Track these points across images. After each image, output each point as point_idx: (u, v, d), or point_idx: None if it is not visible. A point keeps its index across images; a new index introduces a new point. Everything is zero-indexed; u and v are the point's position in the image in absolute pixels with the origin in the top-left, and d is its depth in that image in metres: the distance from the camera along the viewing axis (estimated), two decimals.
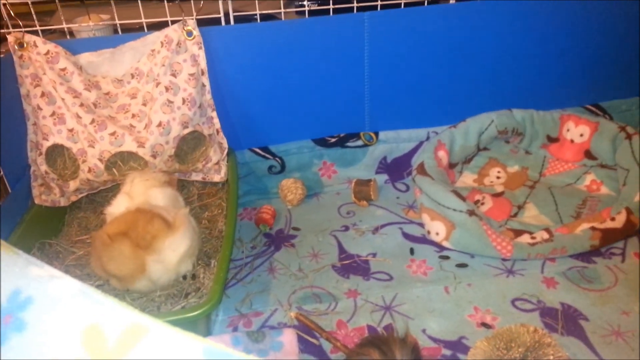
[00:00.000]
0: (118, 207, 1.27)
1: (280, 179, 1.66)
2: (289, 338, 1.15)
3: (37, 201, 1.41)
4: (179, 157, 1.47)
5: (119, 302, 0.47)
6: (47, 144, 1.37)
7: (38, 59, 1.36)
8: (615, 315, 1.18)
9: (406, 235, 1.47)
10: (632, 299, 1.22)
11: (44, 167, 1.40)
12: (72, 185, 1.41)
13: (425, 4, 1.53)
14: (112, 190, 1.51)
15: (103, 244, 1.15)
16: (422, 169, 1.51)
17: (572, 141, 1.64)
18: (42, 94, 1.37)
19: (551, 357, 0.93)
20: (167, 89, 1.39)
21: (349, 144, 1.68)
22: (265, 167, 1.67)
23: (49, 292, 0.47)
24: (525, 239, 1.35)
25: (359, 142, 1.68)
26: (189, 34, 1.41)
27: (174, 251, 1.18)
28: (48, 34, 1.61)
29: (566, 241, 1.33)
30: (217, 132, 1.52)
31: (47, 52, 1.36)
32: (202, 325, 1.11)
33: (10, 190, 1.38)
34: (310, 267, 1.38)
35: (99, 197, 1.55)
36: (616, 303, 1.21)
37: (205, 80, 1.46)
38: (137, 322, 0.45)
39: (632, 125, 1.70)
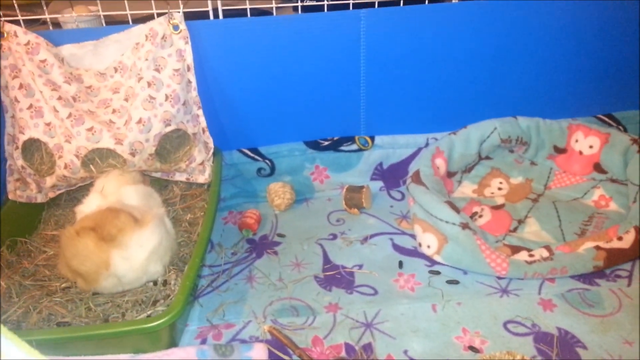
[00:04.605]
0: (89, 205, 1.22)
1: (269, 182, 1.59)
2: (259, 353, 1.07)
3: (11, 196, 1.36)
4: (161, 155, 1.40)
5: None
6: (23, 138, 1.32)
7: (18, 49, 1.31)
8: (617, 344, 1.08)
9: (396, 247, 1.39)
10: (637, 327, 1.11)
11: (20, 162, 1.35)
12: (49, 181, 1.36)
13: (426, 2, 1.44)
14: (91, 187, 1.46)
15: (68, 239, 1.10)
16: (417, 178, 1.42)
17: (580, 153, 1.53)
18: (21, 86, 1.32)
19: None
20: (149, 84, 1.33)
21: (343, 147, 1.60)
22: (254, 169, 1.60)
23: None
24: (522, 256, 1.26)
25: (354, 147, 1.60)
26: (175, 27, 1.35)
27: (141, 247, 1.12)
28: (37, 25, 1.57)
29: (567, 260, 1.23)
30: (203, 131, 1.46)
31: (28, 43, 1.31)
32: (166, 336, 1.04)
33: None
34: (291, 277, 1.30)
35: (79, 194, 1.49)
36: (618, 331, 1.10)
37: (192, 76, 1.40)
38: None
39: None
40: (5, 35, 1.31)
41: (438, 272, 1.29)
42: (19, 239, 1.33)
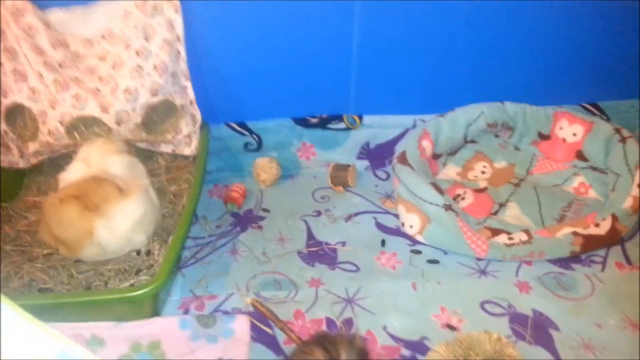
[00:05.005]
0: (73, 173, 1.21)
1: (256, 157, 1.59)
2: (241, 325, 1.09)
3: None
4: (147, 126, 1.39)
5: None
6: (6, 102, 1.30)
7: (3, 12, 1.28)
8: (588, 327, 1.12)
9: (379, 226, 1.40)
10: (608, 311, 1.15)
11: (2, 126, 1.33)
12: (32, 147, 1.34)
13: None
14: (75, 154, 1.44)
15: (52, 206, 1.10)
16: (403, 158, 1.43)
17: (564, 140, 1.56)
18: (5, 49, 1.29)
19: None
20: (137, 53, 1.31)
21: (330, 125, 1.60)
22: (241, 144, 1.60)
23: None
24: (502, 239, 1.28)
25: (342, 125, 1.61)
26: None
27: (125, 217, 1.12)
28: None
29: (545, 245, 1.26)
30: (191, 103, 1.44)
31: (14, 6, 1.28)
32: (149, 306, 1.05)
33: None
34: (275, 252, 1.31)
35: (61, 161, 1.47)
36: (590, 314, 1.14)
37: (181, 47, 1.37)
38: None
39: (630, 127, 1.62)
40: None
41: (419, 252, 1.31)
42: (0, 204, 1.32)
